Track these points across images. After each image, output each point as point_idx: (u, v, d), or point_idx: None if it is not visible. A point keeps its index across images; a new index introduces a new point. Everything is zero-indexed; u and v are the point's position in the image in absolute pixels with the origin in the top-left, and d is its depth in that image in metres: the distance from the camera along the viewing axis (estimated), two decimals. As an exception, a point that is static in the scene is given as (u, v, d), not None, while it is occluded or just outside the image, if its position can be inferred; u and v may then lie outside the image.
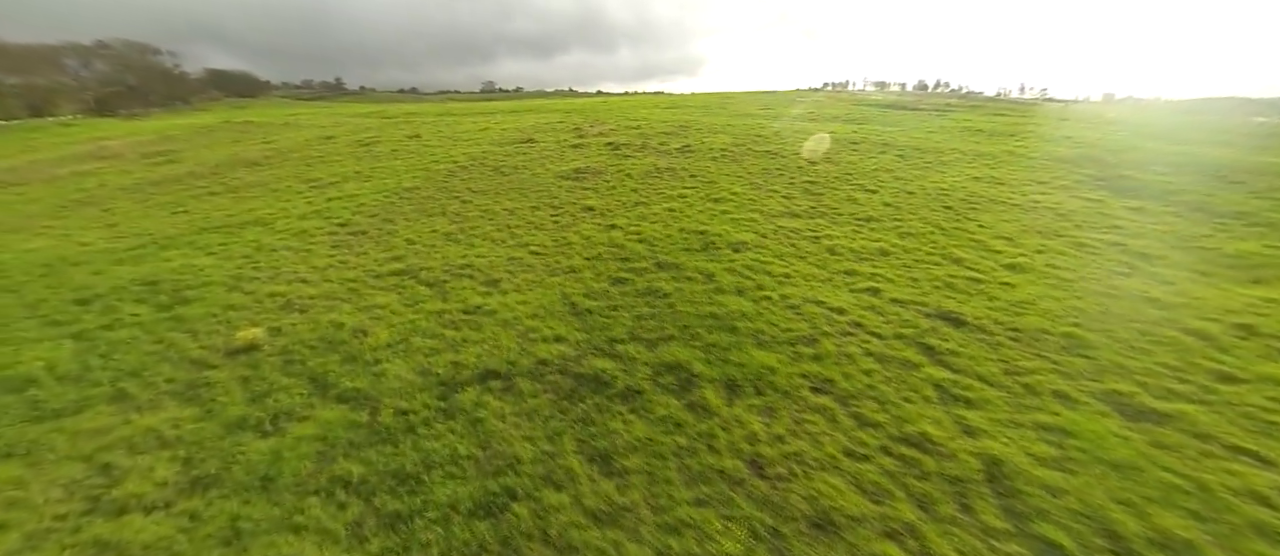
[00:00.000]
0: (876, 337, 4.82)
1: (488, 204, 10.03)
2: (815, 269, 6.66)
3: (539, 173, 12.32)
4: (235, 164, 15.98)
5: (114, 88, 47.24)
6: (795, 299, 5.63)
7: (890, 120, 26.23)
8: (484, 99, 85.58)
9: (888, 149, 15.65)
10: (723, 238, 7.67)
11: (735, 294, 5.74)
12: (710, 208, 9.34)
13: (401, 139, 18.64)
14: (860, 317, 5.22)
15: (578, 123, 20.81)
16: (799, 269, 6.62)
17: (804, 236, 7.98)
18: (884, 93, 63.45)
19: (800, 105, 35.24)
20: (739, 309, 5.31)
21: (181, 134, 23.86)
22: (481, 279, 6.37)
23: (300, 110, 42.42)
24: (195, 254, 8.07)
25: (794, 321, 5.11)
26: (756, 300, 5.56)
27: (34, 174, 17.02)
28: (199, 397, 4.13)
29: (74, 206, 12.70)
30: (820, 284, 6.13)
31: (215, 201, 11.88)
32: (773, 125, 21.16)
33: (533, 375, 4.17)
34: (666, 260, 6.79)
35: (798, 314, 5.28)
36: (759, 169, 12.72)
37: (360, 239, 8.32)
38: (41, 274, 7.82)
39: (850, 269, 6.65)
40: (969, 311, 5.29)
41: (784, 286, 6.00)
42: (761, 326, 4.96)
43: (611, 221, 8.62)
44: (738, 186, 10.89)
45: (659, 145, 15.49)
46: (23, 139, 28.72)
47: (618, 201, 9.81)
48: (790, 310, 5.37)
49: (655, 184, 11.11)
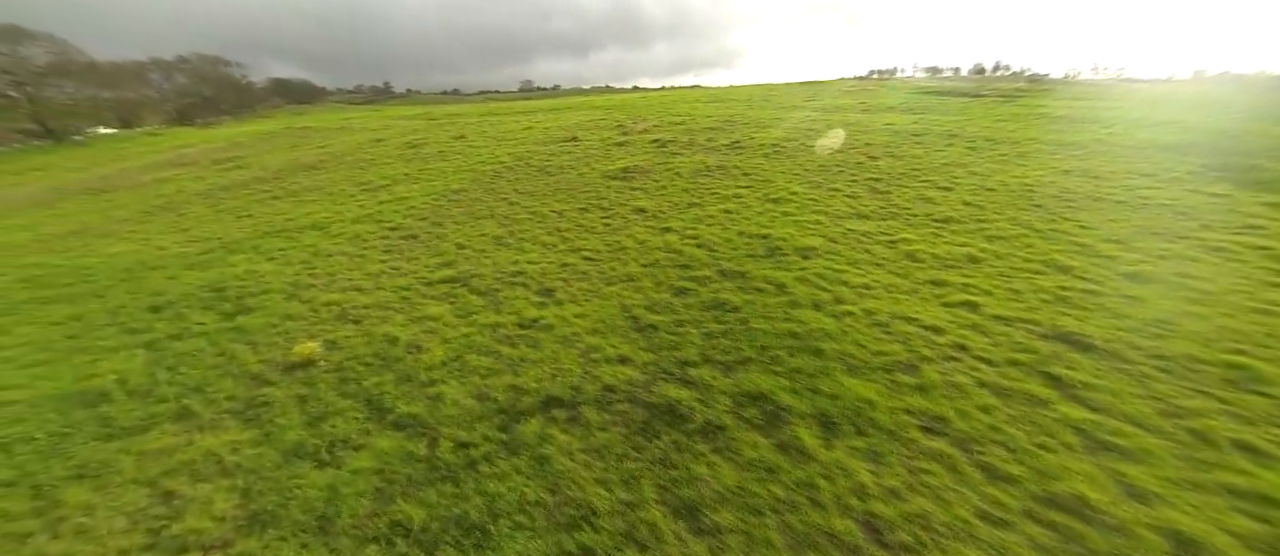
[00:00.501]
0: (987, 364, 4.15)
1: (535, 206, 9.81)
2: (896, 278, 5.97)
3: (585, 172, 12.03)
4: (294, 168, 16.62)
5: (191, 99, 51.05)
6: (881, 314, 5.01)
7: (952, 108, 24.42)
8: (523, 98, 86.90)
9: (955, 140, 14.42)
10: (788, 242, 7.07)
11: (812, 308, 5.17)
12: (770, 209, 8.72)
13: (447, 140, 18.88)
14: (961, 338, 4.55)
15: (620, 119, 20.46)
16: (878, 278, 5.96)
17: (877, 240, 7.26)
18: (937, 79, 59.68)
19: (849, 95, 33.55)
20: (819, 326, 4.75)
21: (248, 140, 25.25)
22: (535, 288, 6.08)
23: (353, 114, 44.28)
24: (258, 259, 8.24)
25: (884, 342, 4.50)
26: (837, 316, 4.97)
27: (122, 181, 18.36)
28: (257, 419, 4.00)
29: (155, 212, 13.50)
30: (905, 296, 5.46)
31: (277, 205, 12.28)
32: (824, 117, 20.06)
33: (599, 404, 3.79)
34: (730, 268, 6.28)
35: (887, 333, 4.67)
36: (816, 165, 11.93)
37: (411, 243, 8.26)
38: (123, 278, 8.19)
39: (937, 278, 5.92)
40: (1094, 332, 4.51)
41: (865, 299, 5.37)
42: (848, 348, 4.39)
43: (665, 224, 8.18)
44: (796, 185, 10.19)
45: (706, 142, 14.89)
46: (114, 148, 31.32)
47: (670, 202, 9.35)
48: (877, 328, 4.76)
49: (707, 183, 10.57)
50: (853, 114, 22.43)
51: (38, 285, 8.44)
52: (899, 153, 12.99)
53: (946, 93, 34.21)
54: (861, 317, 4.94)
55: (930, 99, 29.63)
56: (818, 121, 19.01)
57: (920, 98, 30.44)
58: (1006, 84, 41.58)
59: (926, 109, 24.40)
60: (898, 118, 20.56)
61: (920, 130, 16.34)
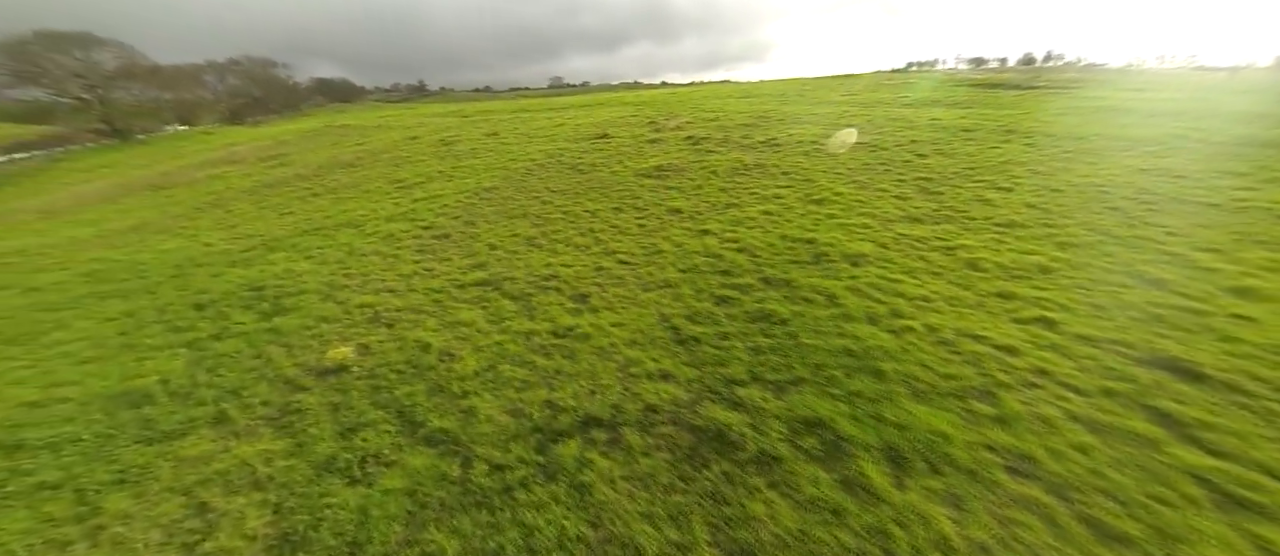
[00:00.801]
0: (1076, 393, 3.67)
1: (568, 205, 9.63)
2: (958, 289, 5.47)
3: (618, 171, 11.78)
4: (333, 165, 17.04)
5: (243, 98, 53.65)
6: (945, 331, 4.55)
7: (1003, 102, 22.99)
8: (553, 94, 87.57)
9: (1012, 136, 13.47)
10: (835, 248, 6.63)
11: (867, 322, 4.76)
12: (813, 210, 8.26)
13: (479, 137, 18.99)
14: (1042, 361, 4.06)
15: (651, 116, 20.13)
16: (937, 289, 5.47)
17: (933, 246, 6.73)
18: (983, 70, 56.52)
19: (887, 88, 32.16)
20: (877, 343, 4.35)
21: (291, 138, 26.19)
22: (569, 293, 5.87)
23: (389, 112, 45.47)
24: (296, 257, 8.35)
25: (952, 363, 4.06)
26: (896, 331, 4.55)
27: (179, 178, 19.30)
28: (290, 427, 3.92)
29: (205, 207, 14.06)
30: (970, 310, 4.97)
31: (316, 203, 12.55)
32: (863, 113, 19.18)
33: (641, 425, 3.53)
34: (774, 275, 5.91)
35: (954, 352, 4.22)
36: (859, 164, 11.32)
37: (444, 243, 8.20)
38: (173, 275, 8.46)
39: (1004, 290, 5.39)
40: (1204, 360, 3.95)
41: (925, 313, 4.91)
42: (912, 369, 3.98)
43: (703, 226, 7.84)
44: (840, 185, 9.66)
45: (741, 139, 14.41)
46: (173, 146, 33.12)
47: (706, 202, 8.99)
48: (942, 347, 4.32)
49: (744, 182, 10.15)
50: (894, 108, 21.40)
51: (97, 280, 8.82)
52: (949, 150, 12.21)
53: (995, 85, 32.33)
54: (923, 334, 4.50)
55: (977, 92, 28.05)
56: (856, 117, 18.18)
57: (966, 91, 28.86)
58: (1061, 74, 38.98)
59: (974, 102, 23.06)
60: (944, 112, 19.47)
61: (970, 125, 15.38)
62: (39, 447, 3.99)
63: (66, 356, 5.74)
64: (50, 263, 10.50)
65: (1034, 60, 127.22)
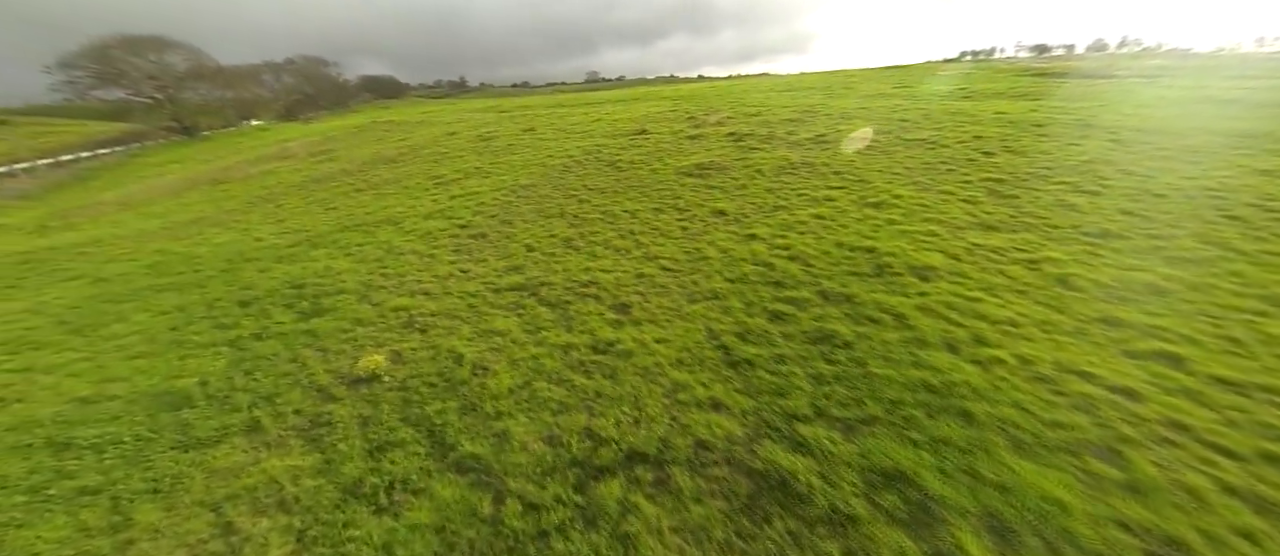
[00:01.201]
0: (1227, 457, 3.01)
1: (607, 204, 9.30)
2: (1050, 312, 4.77)
3: (657, 168, 11.36)
4: (377, 161, 17.42)
5: (297, 96, 56.50)
6: (1042, 364, 3.92)
7: (1076, 92, 21.04)
8: (590, 89, 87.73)
9: (1091, 130, 12.16)
10: (899, 258, 5.99)
11: (945, 349, 4.17)
12: (870, 215, 7.59)
13: (517, 133, 18.97)
14: (1174, 410, 3.39)
15: (690, 111, 19.55)
16: (1025, 311, 4.79)
17: (1013, 259, 5.98)
18: (1047, 59, 52.22)
19: (943, 80, 30.20)
20: (961, 377, 3.77)
21: (339, 134, 27.15)
22: (609, 301, 5.52)
23: (431, 108, 46.66)
24: (337, 254, 8.40)
25: (1058, 408, 3.45)
26: (983, 364, 3.95)
27: (236, 173, 20.28)
28: (320, 441, 3.75)
29: (257, 202, 14.61)
30: (1070, 340, 4.28)
31: (359, 198, 12.77)
32: (919, 106, 17.93)
33: (692, 465, 3.14)
34: (833, 289, 5.36)
35: (1058, 393, 3.60)
36: (918, 163, 10.45)
37: (480, 243, 8.03)
38: (224, 269, 8.69)
39: (1109, 315, 4.65)
40: (1390, 414, 3.18)
41: (1014, 340, 4.27)
42: (1008, 413, 3.40)
43: (750, 230, 7.33)
44: (899, 187, 8.89)
45: (787, 135, 13.68)
46: (233, 142, 35.11)
47: (752, 204, 8.45)
48: (1042, 385, 3.70)
49: (793, 183, 9.52)
50: (952, 101, 19.92)
51: (157, 272, 9.19)
52: (1019, 147, 11.12)
53: (1064, 74, 29.75)
54: (1016, 368, 3.89)
55: (1045, 82, 25.86)
56: (911, 111, 17.00)
57: (1032, 81, 26.68)
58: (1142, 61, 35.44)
59: (1043, 93, 21.21)
60: (1009, 105, 17.93)
61: (1042, 119, 14.03)
62: (85, 448, 4.00)
63: (121, 350, 5.88)
64: (119, 253, 11.09)
65: (1106, 46, 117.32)
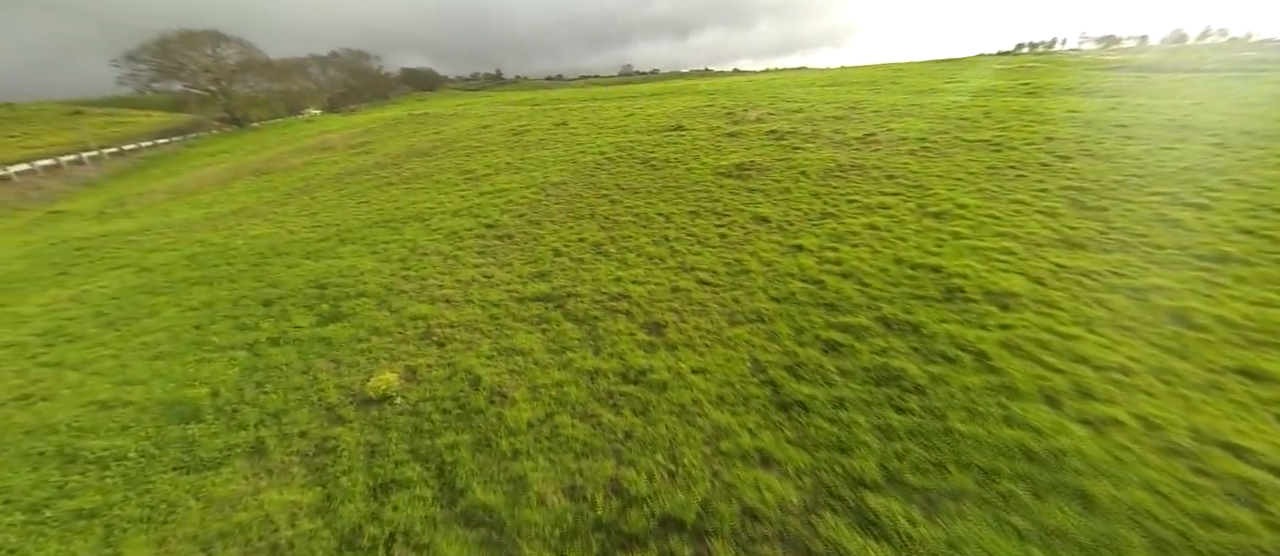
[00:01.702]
0: None
1: (640, 206, 8.79)
2: (1171, 358, 3.97)
3: (694, 167, 10.76)
4: (410, 154, 17.46)
5: (340, 89, 58.39)
6: (1173, 430, 3.18)
7: (1160, 89, 19.05)
8: (623, 82, 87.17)
9: (1188, 133, 10.79)
10: (971, 280, 5.24)
11: (1043, 402, 3.48)
12: (932, 227, 6.80)
13: (549, 127, 18.67)
14: (1360, 500, 2.62)
15: (727, 106, 18.76)
16: (1137, 355, 4.00)
17: (1111, 286, 5.13)
18: (1119, 51, 47.95)
19: (1001, 73, 28.15)
20: (1070, 443, 3.09)
21: (377, 126, 27.62)
22: (641, 319, 5.03)
23: (467, 100, 47.21)
24: (363, 251, 8.22)
25: (1207, 495, 2.73)
26: (1095, 425, 3.25)
27: (278, 164, 20.83)
28: (323, 473, 3.43)
29: (295, 194, 14.83)
30: (1204, 397, 3.50)
31: (390, 192, 12.71)
32: (977, 103, 16.57)
33: (738, 540, 2.62)
34: (896, 316, 4.69)
35: (1203, 474, 2.88)
36: (982, 166, 9.46)
37: (506, 244, 7.68)
38: (254, 263, 8.66)
39: (1249, 366, 3.82)
40: None
41: (1130, 394, 3.53)
42: (1141, 498, 2.71)
43: (795, 240, 6.67)
44: (962, 193, 8.00)
45: (832, 133, 12.80)
46: (279, 133, 36.41)
47: (798, 211, 7.76)
48: (1179, 460, 2.97)
49: (841, 187, 8.76)
50: (1015, 98, 18.38)
51: (194, 264, 9.28)
52: (1102, 150, 9.95)
53: (1142, 68, 27.18)
54: (1140, 434, 3.16)
55: (1122, 77, 23.67)
56: (970, 108, 15.70)
57: (1106, 75, 24.49)
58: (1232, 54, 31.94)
59: (1122, 90, 19.31)
60: (1083, 102, 16.33)
61: (1125, 119, 12.63)
62: (90, 463, 3.82)
63: (146, 348, 5.80)
64: (164, 243, 11.37)
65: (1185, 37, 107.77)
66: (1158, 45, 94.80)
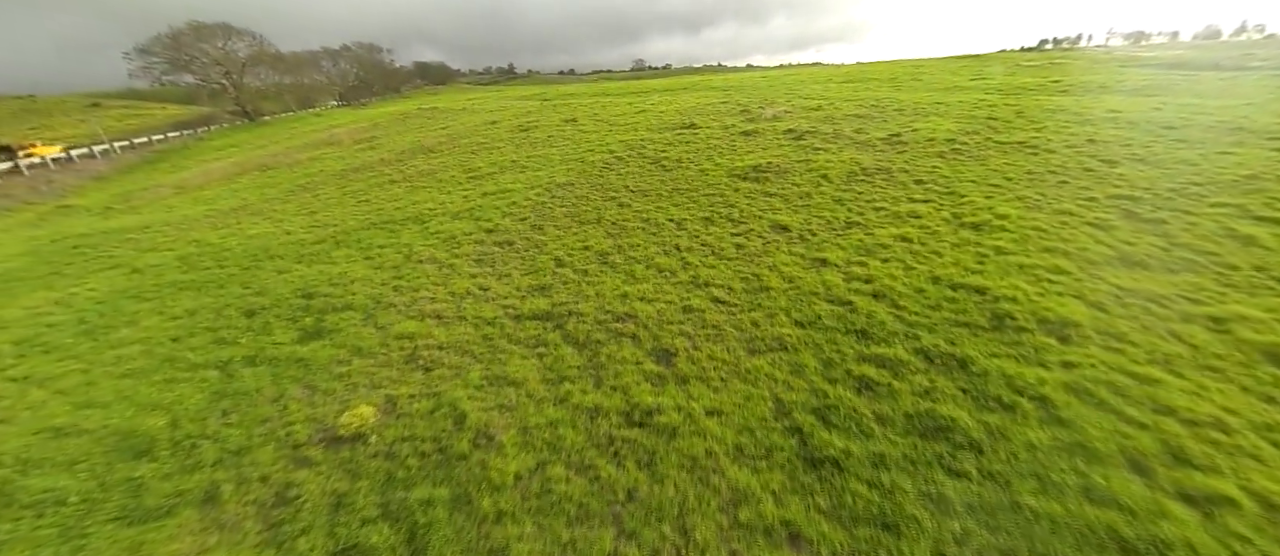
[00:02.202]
0: None
1: (649, 210, 8.25)
2: (1275, 410, 3.34)
3: (707, 169, 10.18)
4: (416, 151, 17.08)
5: (352, 82, 58.44)
6: (1294, 506, 2.58)
7: (1205, 87, 17.96)
8: (635, 77, 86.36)
9: (1246, 136, 9.95)
10: (1022, 305, 4.63)
11: (1131, 471, 2.89)
12: (970, 240, 6.16)
13: (558, 124, 18.16)
14: None
15: (742, 103, 18.08)
16: (1234, 405, 3.39)
17: (1187, 315, 4.49)
18: (1147, 46, 45.99)
19: (1029, 70, 27.00)
20: (1176, 532, 2.51)
21: (386, 121, 27.34)
22: (649, 345, 4.51)
23: (477, 95, 46.86)
24: (356, 256, 7.80)
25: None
26: (1201, 505, 2.66)
27: (284, 159, 20.61)
28: (279, 531, 2.97)
29: (298, 191, 14.52)
30: (1319, 456, 2.89)
31: (391, 191, 12.32)
32: (1008, 102, 15.70)
33: (763, 663, 2.09)
34: (938, 347, 4.11)
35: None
36: (1020, 171, 8.75)
37: (506, 252, 7.19)
38: (245, 267, 8.28)
39: (1366, 416, 3.18)
40: None
41: (1237, 459, 2.93)
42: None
43: (819, 252, 6.09)
44: (1001, 202, 7.34)
45: (855, 133, 12.11)
46: (288, 128, 36.33)
47: (820, 219, 7.16)
48: (1308, 548, 2.38)
49: (866, 192, 8.13)
50: (1047, 96, 17.44)
51: (185, 266, 8.95)
52: (1151, 155, 9.17)
53: (1179, 65, 25.86)
54: (1260, 519, 2.57)
55: (1159, 74, 22.48)
56: (1000, 107, 14.86)
57: (1142, 73, 23.28)
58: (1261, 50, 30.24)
59: (1162, 88, 18.25)
60: (1122, 101, 15.38)
61: (1172, 120, 11.76)
62: (26, 507, 3.41)
63: (117, 363, 5.42)
64: (161, 241, 11.09)
65: (1219, 33, 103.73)
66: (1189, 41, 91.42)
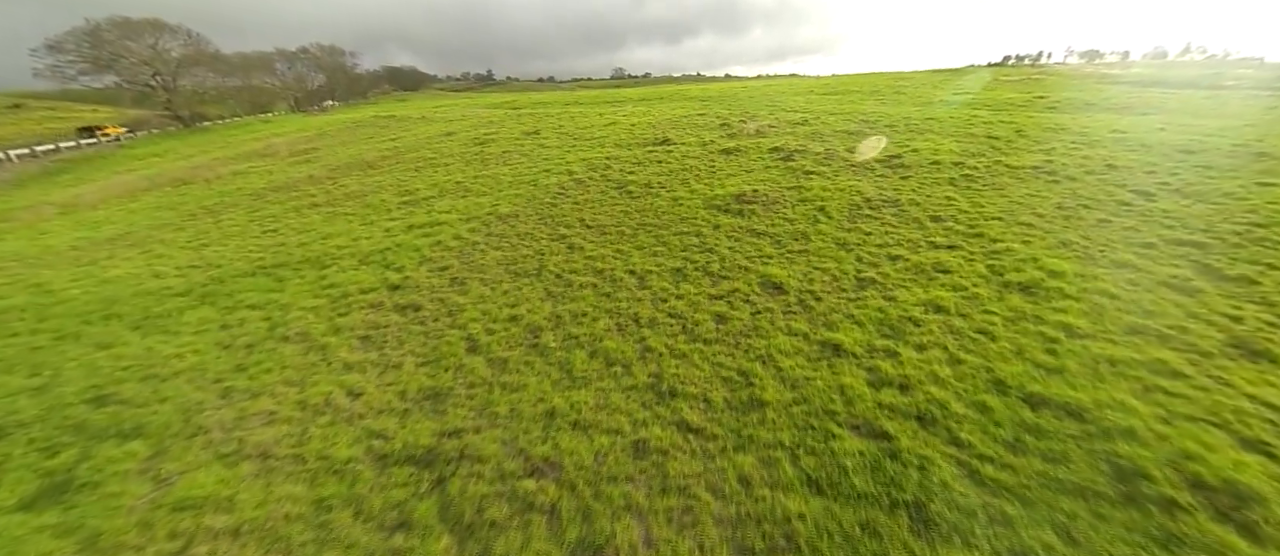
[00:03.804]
0: None
1: (606, 256, 6.50)
2: None
3: (681, 196, 8.51)
4: (352, 166, 14.96)
5: (312, 87, 55.04)
6: None
7: (1197, 106, 17.34)
8: (614, 86, 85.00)
9: (1273, 162, 8.84)
10: (1153, 450, 3.04)
11: None
12: (1026, 311, 4.61)
13: (518, 137, 16.30)
14: None
15: (722, 115, 16.58)
16: None
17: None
18: (1118, 65, 46.95)
19: (1009, 86, 26.50)
20: None
21: (334, 130, 24.96)
22: (573, 537, 2.73)
23: (444, 102, 44.54)
24: (211, 325, 5.79)
25: None
26: None
27: (205, 172, 18.07)
28: None
29: (200, 215, 12.23)
30: None
31: (306, 219, 10.25)
32: (1002, 118, 14.61)
33: None
34: (1050, 548, 2.46)
35: None
36: (1048, 205, 7.37)
37: (406, 322, 5.33)
38: (58, 336, 6.08)
39: None
40: None
41: None
42: None
43: (830, 331, 4.44)
44: (1043, 250, 5.86)
45: (847, 153, 10.66)
46: (226, 135, 33.20)
47: (823, 273, 5.54)
48: None
49: (875, 233, 6.57)
50: (1038, 113, 16.46)
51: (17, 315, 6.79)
52: (1186, 185, 7.93)
53: (1156, 83, 25.70)
54: None
55: (1143, 92, 22.03)
56: (996, 124, 13.71)
57: (1126, 90, 22.85)
58: (1242, 71, 30.62)
59: (1153, 106, 17.54)
60: (1118, 119, 14.45)
61: (1187, 143, 10.68)
62: None
63: None
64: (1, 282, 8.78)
65: (1165, 54, 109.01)
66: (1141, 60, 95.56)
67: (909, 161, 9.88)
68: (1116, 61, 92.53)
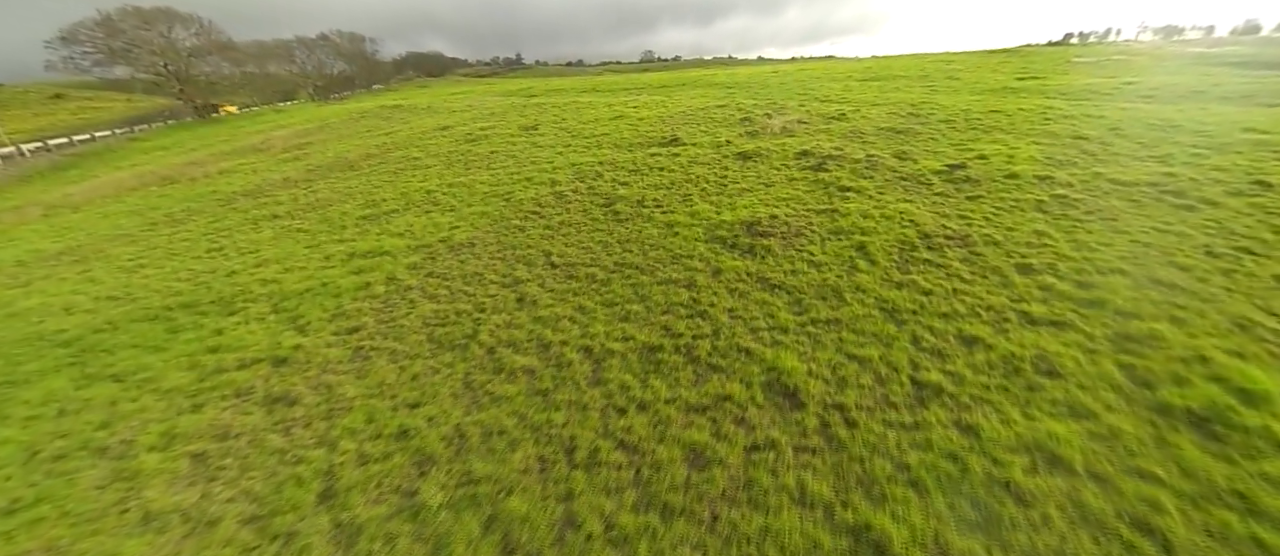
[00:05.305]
0: None
1: (562, 318, 4.85)
2: None
3: (678, 221, 6.73)
4: (333, 167, 13.73)
5: (334, 74, 54.77)
6: None
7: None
8: (639, 70, 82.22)
9: None
10: None
11: None
12: (1220, 482, 2.70)
13: (513, 133, 14.70)
14: None
15: (745, 107, 14.48)
16: None
17: None
18: (1208, 42, 41.22)
19: (1082, 70, 23.04)
20: None
21: (336, 121, 24.01)
22: None
23: (462, 89, 43.40)
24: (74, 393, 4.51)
25: None
26: None
27: (194, 170, 17.24)
28: None
29: (161, 224, 11.17)
30: None
31: (254, 237, 8.98)
32: (1087, 111, 11.96)
33: None
34: None
35: None
36: (1193, 247, 5.22)
37: (261, 433, 3.87)
38: None
39: None
40: None
41: None
42: None
43: (871, 508, 2.67)
44: (1213, 346, 3.84)
45: (895, 158, 8.57)
46: (233, 127, 32.69)
47: (863, 370, 3.70)
48: None
49: (938, 293, 4.64)
50: (1131, 104, 13.54)
51: None
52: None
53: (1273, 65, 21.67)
54: None
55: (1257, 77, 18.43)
56: (1080, 120, 11.15)
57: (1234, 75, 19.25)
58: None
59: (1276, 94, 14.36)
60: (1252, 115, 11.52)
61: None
62: None
63: None
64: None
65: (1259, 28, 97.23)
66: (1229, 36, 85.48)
67: (976, 173, 7.74)
68: (1200, 38, 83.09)
